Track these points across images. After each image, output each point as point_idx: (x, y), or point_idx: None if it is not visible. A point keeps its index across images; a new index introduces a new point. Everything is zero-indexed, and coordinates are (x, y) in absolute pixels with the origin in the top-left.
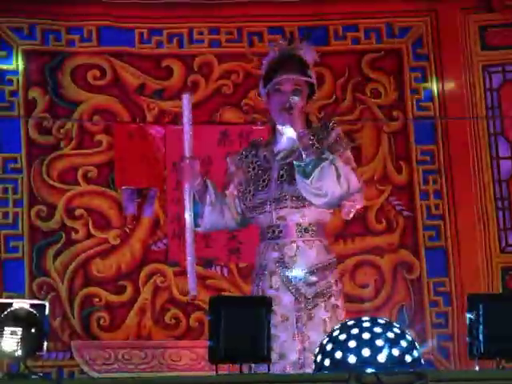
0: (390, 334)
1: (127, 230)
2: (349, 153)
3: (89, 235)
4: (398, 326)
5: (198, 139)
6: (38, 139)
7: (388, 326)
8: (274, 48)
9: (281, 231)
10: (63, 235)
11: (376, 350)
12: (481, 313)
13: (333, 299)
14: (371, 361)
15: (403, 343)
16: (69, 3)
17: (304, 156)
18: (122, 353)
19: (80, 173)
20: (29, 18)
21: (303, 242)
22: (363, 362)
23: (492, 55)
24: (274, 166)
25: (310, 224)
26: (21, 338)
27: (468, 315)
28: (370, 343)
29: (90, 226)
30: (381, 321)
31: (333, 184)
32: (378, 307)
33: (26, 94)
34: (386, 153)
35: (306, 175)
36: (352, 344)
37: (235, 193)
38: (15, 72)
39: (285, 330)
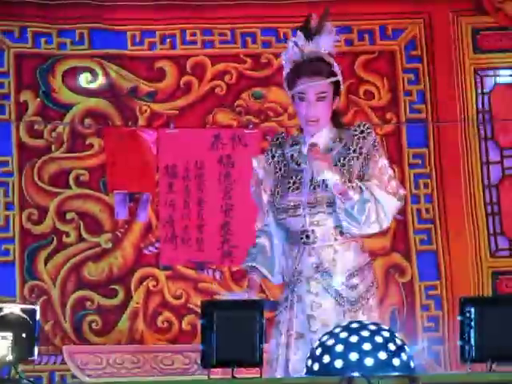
0: (378, 338)
1: (119, 234)
2: (385, 160)
3: (80, 239)
4: (387, 329)
5: (191, 142)
6: (29, 142)
7: (376, 330)
8: (294, 46)
9: (316, 236)
10: (55, 238)
11: (363, 354)
12: (473, 316)
13: (370, 301)
14: (358, 365)
15: (391, 347)
16: (60, 6)
17: (343, 201)
18: (114, 357)
19: (71, 176)
20: (20, 21)
21: (340, 244)
22: (350, 366)
23: (484, 58)
24: (306, 168)
25: (338, 227)
26: (12, 343)
27: (460, 318)
28: (357, 347)
29: (82, 230)
30: (370, 325)
31: (380, 224)
32: None
33: (18, 97)
34: None
35: (354, 219)
36: (339, 348)
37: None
38: (6, 75)
39: None
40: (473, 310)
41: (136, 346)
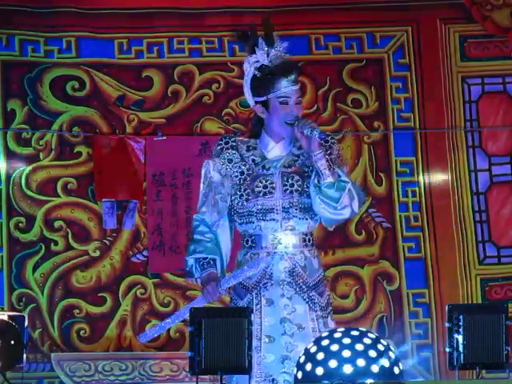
0: (359, 346)
1: (107, 242)
2: (346, 168)
3: (68, 247)
4: (371, 336)
5: (179, 150)
6: (17, 150)
7: (358, 337)
8: (262, 52)
9: (288, 241)
10: (43, 247)
11: (342, 361)
12: (461, 323)
13: (330, 308)
14: (337, 372)
15: (372, 353)
16: (48, 14)
17: (325, 177)
18: (102, 364)
19: (59, 184)
20: (7, 29)
21: (308, 251)
22: (330, 374)
23: (471, 66)
24: (275, 172)
25: (311, 234)
26: (0, 350)
27: (448, 325)
28: (337, 354)
29: (70, 238)
30: (353, 331)
31: (352, 208)
32: (359, 318)
33: (5, 106)
34: (366, 164)
35: (332, 198)
36: (320, 356)
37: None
38: None
39: (302, 339)
40: (461, 317)
41: (124, 353)
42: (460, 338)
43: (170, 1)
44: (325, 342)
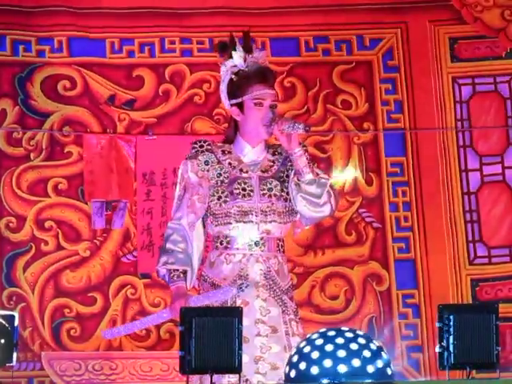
0: (353, 345)
1: (97, 242)
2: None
3: (59, 247)
4: (364, 336)
5: (170, 150)
6: (7, 150)
7: (352, 337)
8: (239, 56)
9: (264, 244)
10: (33, 246)
11: (337, 361)
12: (451, 323)
13: (299, 315)
14: (332, 372)
15: (366, 354)
16: (39, 13)
17: (304, 173)
18: (92, 363)
19: (50, 184)
20: None
21: (281, 257)
22: (325, 373)
23: (462, 67)
24: (253, 176)
25: (283, 240)
26: None
27: (438, 325)
28: (331, 354)
29: (60, 238)
30: (346, 332)
31: (331, 205)
32: (348, 319)
33: None
34: (356, 164)
35: (314, 195)
36: (315, 355)
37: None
38: None
39: (276, 341)
40: (451, 317)
41: (114, 352)
42: (450, 338)
43: (161, 0)
44: (319, 342)
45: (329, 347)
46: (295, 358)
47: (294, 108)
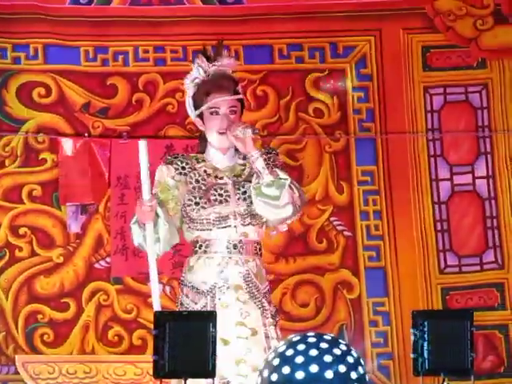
0: (337, 351)
1: (71, 249)
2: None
3: (33, 253)
4: (343, 342)
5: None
6: None
7: (334, 343)
8: (198, 67)
9: (242, 247)
10: (7, 252)
11: (324, 367)
12: (425, 329)
13: (278, 317)
14: (319, 377)
15: (350, 359)
16: (15, 20)
17: (264, 176)
18: (66, 367)
19: (24, 191)
20: None
21: (259, 260)
22: (311, 378)
23: (433, 76)
24: (228, 182)
25: (260, 244)
26: None
27: (412, 332)
28: (317, 359)
29: (34, 244)
30: (326, 337)
31: (295, 205)
32: (319, 326)
33: None
34: (327, 173)
35: (272, 197)
36: (299, 360)
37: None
38: None
39: (256, 343)
40: (425, 323)
41: (88, 356)
42: (425, 344)
43: (136, 9)
44: (301, 347)
45: (313, 352)
46: (276, 362)
47: (266, 116)
